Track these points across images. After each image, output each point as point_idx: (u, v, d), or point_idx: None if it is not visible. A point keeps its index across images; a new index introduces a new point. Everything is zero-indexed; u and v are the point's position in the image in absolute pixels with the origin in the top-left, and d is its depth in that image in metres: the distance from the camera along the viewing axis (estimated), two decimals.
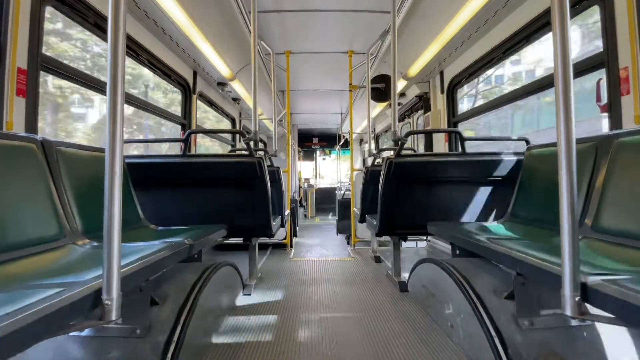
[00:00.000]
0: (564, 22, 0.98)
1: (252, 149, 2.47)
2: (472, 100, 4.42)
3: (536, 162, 2.21)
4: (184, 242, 1.63)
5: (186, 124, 4.05)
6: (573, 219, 0.94)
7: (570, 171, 0.95)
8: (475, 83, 4.18)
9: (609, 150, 1.61)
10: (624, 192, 1.50)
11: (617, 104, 1.88)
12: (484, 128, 4.34)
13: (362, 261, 3.85)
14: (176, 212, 2.54)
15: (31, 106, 1.79)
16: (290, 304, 2.44)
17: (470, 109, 3.91)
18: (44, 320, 0.76)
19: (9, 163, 1.36)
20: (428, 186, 2.61)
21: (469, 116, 3.91)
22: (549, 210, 1.94)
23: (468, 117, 3.93)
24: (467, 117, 3.93)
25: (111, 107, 0.93)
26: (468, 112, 3.94)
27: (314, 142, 11.45)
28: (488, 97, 4.04)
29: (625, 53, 1.82)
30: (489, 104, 3.50)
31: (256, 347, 1.80)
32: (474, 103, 4.31)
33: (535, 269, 1.19)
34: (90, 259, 1.36)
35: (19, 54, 1.71)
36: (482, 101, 3.91)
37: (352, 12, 3.59)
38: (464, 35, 3.23)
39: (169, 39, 3.25)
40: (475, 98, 4.39)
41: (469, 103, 4.43)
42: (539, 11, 2.54)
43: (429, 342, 1.82)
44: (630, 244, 1.37)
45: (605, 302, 0.91)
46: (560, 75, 0.96)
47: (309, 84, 6.15)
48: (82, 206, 1.68)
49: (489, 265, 1.93)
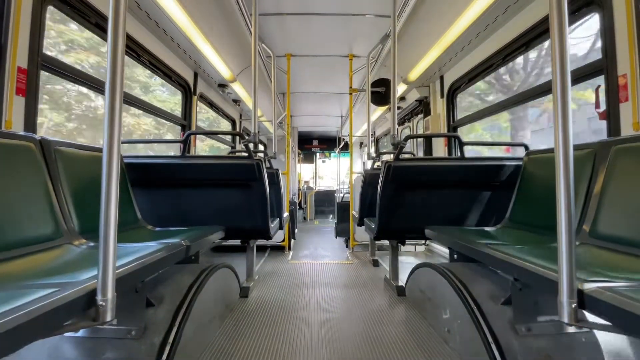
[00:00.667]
0: (562, 29, 0.98)
1: (251, 150, 2.47)
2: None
3: (535, 168, 2.21)
4: (181, 244, 1.63)
5: (186, 125, 4.05)
6: (570, 226, 0.94)
7: (568, 177, 0.95)
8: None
9: (607, 157, 1.61)
10: (622, 198, 1.50)
11: (615, 110, 1.89)
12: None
13: (360, 264, 3.84)
14: (174, 213, 2.53)
15: (31, 105, 1.79)
16: (287, 307, 2.43)
17: (470, 114, 3.92)
18: (38, 320, 0.75)
19: (7, 162, 1.35)
20: (427, 190, 2.61)
21: (468, 121, 3.92)
22: (547, 216, 1.94)
23: (467, 122, 3.94)
24: (467, 121, 3.94)
25: (110, 107, 0.93)
26: (467, 116, 3.95)
27: (314, 145, 11.45)
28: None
29: (624, 60, 1.83)
30: (488, 109, 3.51)
31: (252, 350, 1.79)
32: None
33: (532, 275, 1.19)
34: (86, 259, 1.36)
35: (19, 53, 1.71)
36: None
37: (352, 16, 3.61)
38: (464, 40, 3.24)
39: (170, 40, 3.26)
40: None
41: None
42: (539, 17, 2.56)
43: (426, 347, 1.81)
44: (627, 250, 1.37)
45: (602, 309, 0.90)
46: (559, 81, 0.97)
47: (309, 87, 6.16)
48: (79, 206, 1.68)
49: (486, 270, 1.93)
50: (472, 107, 4.21)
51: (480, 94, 4.23)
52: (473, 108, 3.98)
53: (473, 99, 4.31)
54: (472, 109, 3.93)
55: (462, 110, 4.17)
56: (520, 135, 4.16)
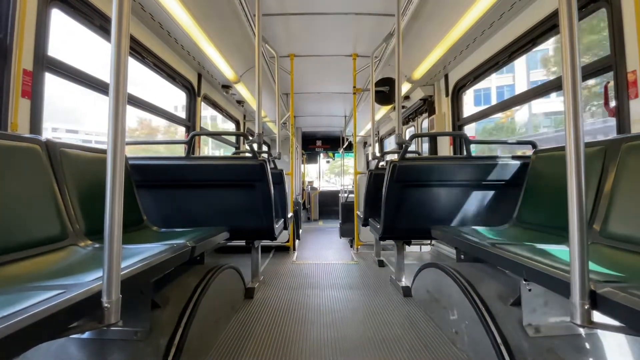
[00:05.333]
0: (572, 25, 0.96)
1: (255, 151, 2.47)
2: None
3: (543, 166, 2.18)
4: (186, 245, 1.63)
5: (190, 126, 4.06)
6: (582, 225, 0.92)
7: (580, 175, 0.92)
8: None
9: (618, 155, 1.58)
10: (633, 196, 1.47)
11: (625, 107, 1.85)
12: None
13: (365, 265, 3.82)
14: (179, 214, 2.54)
15: (36, 108, 1.80)
16: (292, 308, 2.42)
17: (476, 113, 3.89)
18: (44, 322, 0.75)
19: (13, 164, 1.36)
20: (432, 190, 2.58)
21: (474, 119, 3.88)
22: (556, 215, 1.91)
23: (473, 120, 3.91)
24: (472, 120, 3.91)
25: (114, 109, 0.92)
26: (473, 115, 3.91)
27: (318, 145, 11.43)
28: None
29: (633, 56, 1.80)
30: (494, 107, 3.48)
31: (258, 351, 1.78)
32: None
33: (542, 276, 1.17)
34: (91, 260, 1.36)
35: (24, 56, 1.72)
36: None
37: (356, 15, 3.59)
38: (469, 38, 3.21)
39: (174, 41, 3.27)
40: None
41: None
42: (545, 14, 2.52)
43: (433, 348, 1.79)
44: (639, 250, 1.34)
45: (615, 311, 0.88)
46: (570, 78, 0.95)
47: (313, 87, 6.15)
48: (85, 207, 1.68)
49: (494, 270, 1.90)
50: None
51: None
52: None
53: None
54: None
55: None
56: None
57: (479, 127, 4.44)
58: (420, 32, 3.53)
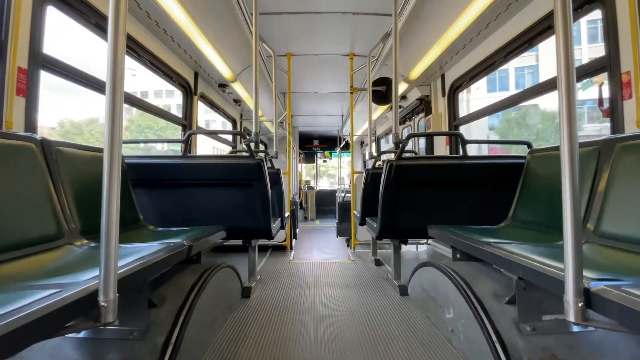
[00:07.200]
0: (567, 25, 0.97)
1: (252, 150, 2.46)
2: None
3: (538, 166, 2.20)
4: (182, 244, 1.62)
5: (187, 125, 4.05)
6: (576, 224, 0.93)
7: (574, 175, 0.93)
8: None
9: (612, 155, 1.60)
10: (626, 196, 1.49)
11: (619, 108, 1.87)
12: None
13: (362, 264, 3.83)
14: (176, 213, 2.53)
15: (31, 106, 1.79)
16: (289, 307, 2.42)
17: (471, 113, 3.91)
18: (40, 321, 0.74)
19: (8, 162, 1.35)
20: (429, 189, 2.59)
21: (470, 119, 3.90)
22: (551, 214, 1.93)
23: (469, 120, 3.93)
24: (468, 120, 3.93)
25: (110, 107, 0.92)
26: (469, 115, 3.93)
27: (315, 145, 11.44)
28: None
29: (627, 57, 1.82)
30: (490, 107, 3.50)
31: (255, 350, 1.78)
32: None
33: (537, 274, 1.18)
34: (87, 259, 1.35)
35: (19, 53, 1.71)
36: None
37: (353, 14, 3.59)
38: (465, 38, 3.23)
39: (170, 40, 3.25)
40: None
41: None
42: (541, 15, 2.54)
43: (429, 346, 1.80)
44: (632, 249, 1.36)
45: (609, 308, 0.89)
46: (564, 78, 0.96)
47: (310, 86, 6.15)
48: (81, 206, 1.68)
49: (490, 269, 1.91)
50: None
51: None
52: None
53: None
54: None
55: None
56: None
57: (491, 122, 4.37)
58: (417, 32, 3.53)
